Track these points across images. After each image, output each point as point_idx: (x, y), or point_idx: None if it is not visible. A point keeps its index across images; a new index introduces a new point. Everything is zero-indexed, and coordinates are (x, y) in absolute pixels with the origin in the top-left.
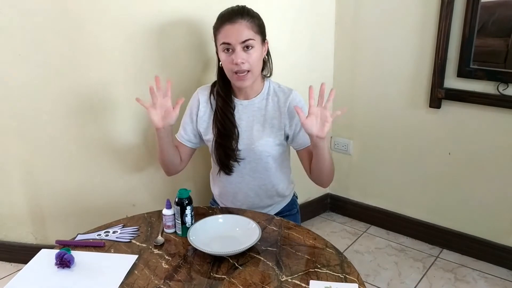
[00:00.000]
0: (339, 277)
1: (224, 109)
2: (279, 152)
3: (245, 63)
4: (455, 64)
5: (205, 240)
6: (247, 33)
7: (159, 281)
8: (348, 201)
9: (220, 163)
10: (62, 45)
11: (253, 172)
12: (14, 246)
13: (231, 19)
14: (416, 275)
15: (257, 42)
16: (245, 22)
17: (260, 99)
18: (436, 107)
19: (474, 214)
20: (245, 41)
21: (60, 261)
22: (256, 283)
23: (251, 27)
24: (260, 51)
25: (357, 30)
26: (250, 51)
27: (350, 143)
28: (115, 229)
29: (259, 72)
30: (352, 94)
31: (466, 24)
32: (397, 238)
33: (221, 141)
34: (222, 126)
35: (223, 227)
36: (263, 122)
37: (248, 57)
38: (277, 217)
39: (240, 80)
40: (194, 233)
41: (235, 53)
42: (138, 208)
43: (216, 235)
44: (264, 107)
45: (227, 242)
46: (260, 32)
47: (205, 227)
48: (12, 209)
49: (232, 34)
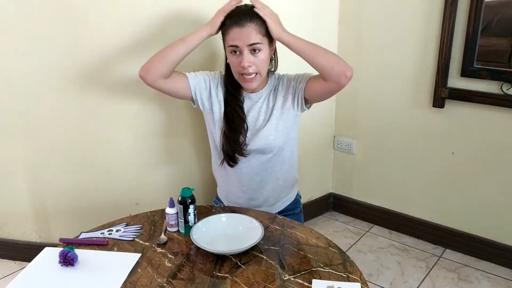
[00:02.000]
0: (341, 276)
1: (233, 104)
2: (284, 138)
3: (252, 66)
4: (458, 63)
5: (207, 239)
6: (255, 37)
7: (162, 279)
8: (351, 200)
9: (226, 155)
10: (67, 44)
11: (257, 165)
12: (18, 244)
13: (239, 22)
14: (419, 275)
15: (265, 45)
16: (253, 25)
17: (267, 91)
18: (439, 107)
19: (478, 214)
20: (252, 45)
21: (63, 259)
22: (258, 282)
23: (259, 30)
24: (267, 52)
25: (360, 29)
26: (257, 54)
27: (353, 142)
28: (118, 228)
29: (266, 72)
30: (355, 93)
31: (470, 23)
32: (400, 237)
33: (230, 134)
34: (232, 120)
35: (226, 226)
36: (269, 112)
37: (256, 60)
38: (280, 216)
39: (247, 82)
40: (197, 232)
41: (243, 56)
42: (142, 207)
43: (219, 234)
44: (270, 98)
45: (230, 241)
46: (268, 34)
47: (208, 226)
48: (16, 207)
49: (240, 37)
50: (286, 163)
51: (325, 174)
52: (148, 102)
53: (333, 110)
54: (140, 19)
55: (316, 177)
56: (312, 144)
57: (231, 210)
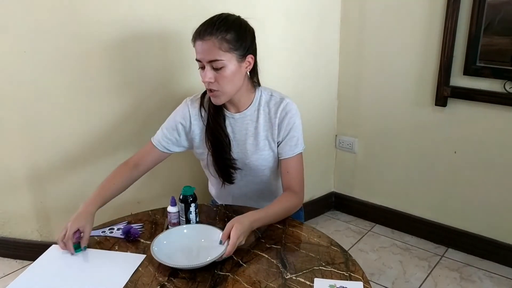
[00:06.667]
0: (343, 275)
1: (214, 122)
2: (276, 163)
3: (214, 82)
4: (461, 61)
5: (168, 251)
6: (214, 53)
7: (163, 278)
8: (353, 199)
9: (220, 174)
10: (68, 42)
11: (251, 184)
12: (19, 243)
13: (200, 35)
14: (421, 274)
15: (230, 61)
16: (213, 39)
17: (251, 110)
18: (442, 106)
19: (480, 213)
20: (212, 61)
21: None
22: (260, 280)
23: (220, 46)
24: (235, 69)
25: (362, 27)
26: (220, 71)
27: (355, 141)
28: (119, 226)
29: (236, 90)
30: (357, 92)
31: (472, 22)
32: (402, 237)
33: (217, 153)
34: (214, 138)
35: (188, 239)
36: (256, 136)
37: (218, 77)
38: None
39: (213, 97)
40: (158, 244)
41: (204, 72)
42: (143, 206)
43: (181, 246)
44: (256, 119)
45: (191, 254)
46: (236, 48)
47: (169, 239)
48: (17, 206)
49: (201, 52)
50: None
51: (327, 173)
52: (148, 100)
53: (335, 109)
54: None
55: (317, 176)
56: (314, 143)
57: (233, 209)
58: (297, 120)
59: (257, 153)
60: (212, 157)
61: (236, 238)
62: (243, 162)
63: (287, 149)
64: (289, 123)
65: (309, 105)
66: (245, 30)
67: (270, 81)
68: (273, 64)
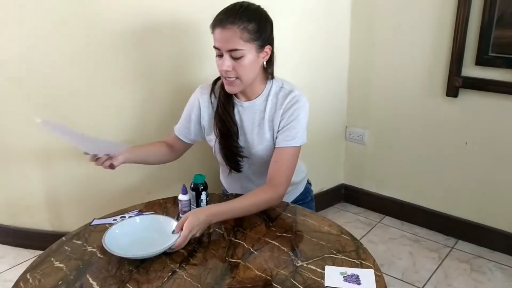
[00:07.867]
0: (354, 262)
1: (223, 109)
2: None
3: (232, 71)
4: (473, 51)
5: (121, 242)
6: (235, 42)
7: (174, 265)
8: (363, 191)
9: (228, 162)
10: (83, 34)
11: (258, 173)
12: (31, 232)
13: (221, 23)
14: (431, 265)
15: (249, 51)
16: (235, 28)
17: (260, 100)
18: (453, 96)
19: (491, 205)
20: (231, 50)
21: None
22: (271, 267)
23: (241, 35)
24: (253, 59)
25: (373, 17)
26: (239, 60)
27: (365, 133)
28: (131, 214)
29: (253, 79)
30: (368, 82)
31: (485, 12)
32: (412, 228)
33: (224, 141)
34: (222, 125)
35: (140, 229)
36: (262, 125)
37: (236, 66)
38: (292, 204)
39: (227, 85)
40: (111, 234)
41: (222, 60)
42: (153, 196)
43: (134, 237)
44: (263, 109)
45: (143, 244)
46: (256, 39)
47: (122, 229)
48: (28, 196)
49: (220, 40)
50: None
51: (336, 165)
52: (158, 91)
53: (345, 101)
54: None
55: (327, 168)
56: (324, 134)
57: None
58: (302, 113)
59: (262, 144)
60: (219, 144)
61: (188, 231)
62: (249, 151)
63: (282, 138)
64: (292, 114)
65: (319, 96)
66: (266, 20)
67: (279, 72)
68: (282, 55)
